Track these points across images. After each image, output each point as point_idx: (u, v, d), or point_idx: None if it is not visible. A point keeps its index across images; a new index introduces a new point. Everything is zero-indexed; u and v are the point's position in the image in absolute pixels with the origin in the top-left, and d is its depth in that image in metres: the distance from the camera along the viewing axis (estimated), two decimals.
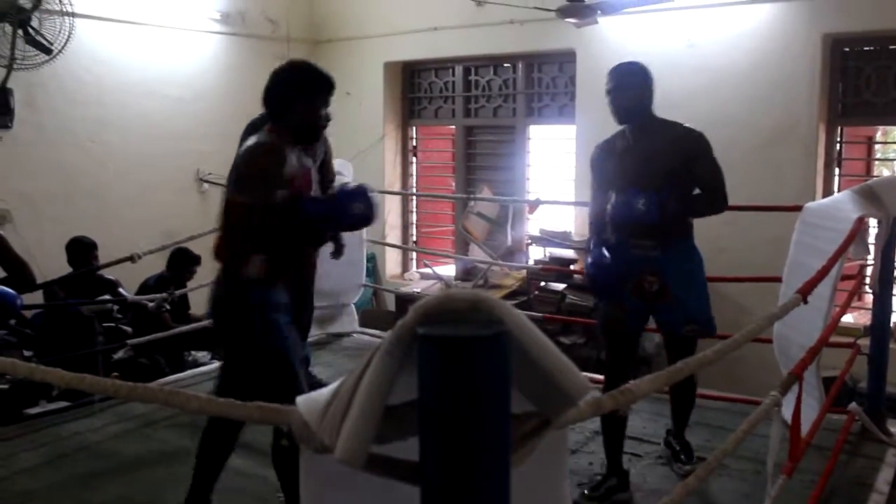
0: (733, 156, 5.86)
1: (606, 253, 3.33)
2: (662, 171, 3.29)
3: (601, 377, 3.54)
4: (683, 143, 3.37)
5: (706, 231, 5.85)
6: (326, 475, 1.10)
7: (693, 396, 3.64)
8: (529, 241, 6.95)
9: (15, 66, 5.74)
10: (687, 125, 3.46)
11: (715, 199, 3.49)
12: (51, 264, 5.48)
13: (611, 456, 3.47)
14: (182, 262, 5.84)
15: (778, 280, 4.04)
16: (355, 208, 2.91)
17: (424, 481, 0.90)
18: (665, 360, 3.71)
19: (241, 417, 1.19)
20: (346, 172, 5.76)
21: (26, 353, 5.27)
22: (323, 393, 1.05)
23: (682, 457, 3.62)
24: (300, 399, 1.08)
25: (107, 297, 5.56)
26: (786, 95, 5.69)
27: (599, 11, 5.66)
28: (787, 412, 2.85)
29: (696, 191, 3.45)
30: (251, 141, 2.89)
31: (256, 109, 3.15)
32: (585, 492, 3.36)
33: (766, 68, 5.74)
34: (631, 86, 3.45)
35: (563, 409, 0.95)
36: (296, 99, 2.89)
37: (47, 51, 5.80)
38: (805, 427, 3.03)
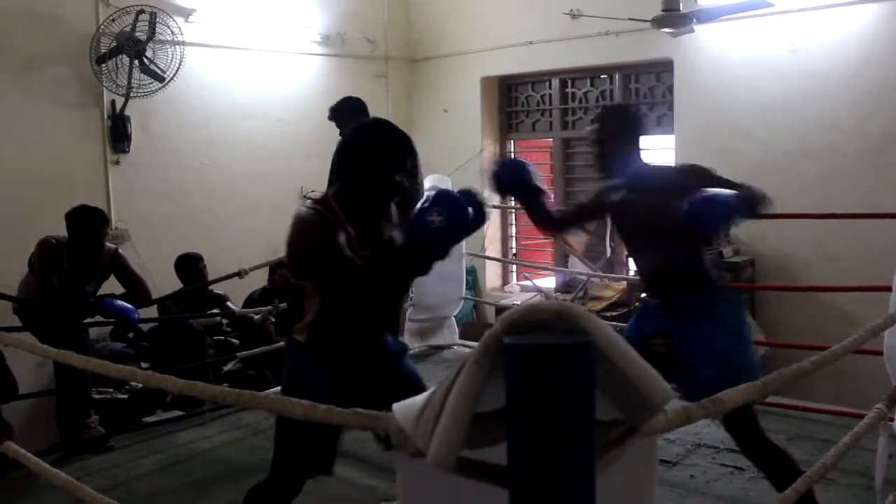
0: (840, 162, 5.72)
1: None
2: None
3: None
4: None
5: (814, 238, 5.76)
6: (421, 478, 1.16)
7: (768, 453, 2.83)
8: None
9: (132, 95, 6.07)
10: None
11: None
12: (165, 281, 5.77)
13: None
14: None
15: (888, 289, 3.90)
16: (432, 221, 2.43)
17: (512, 484, 0.95)
18: None
19: (341, 423, 1.26)
20: (444, 187, 5.86)
21: (143, 365, 5.55)
22: (418, 400, 1.10)
23: None
24: (396, 406, 1.14)
25: (216, 310, 5.80)
26: (893, 98, 5.48)
27: (695, 20, 5.59)
28: None
29: None
30: (297, 216, 2.61)
31: None
32: None
33: (871, 71, 5.55)
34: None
35: (648, 417, 0.98)
36: (367, 164, 2.58)
37: (160, 79, 6.11)
38: None
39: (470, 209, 2.54)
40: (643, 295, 3.21)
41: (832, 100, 5.73)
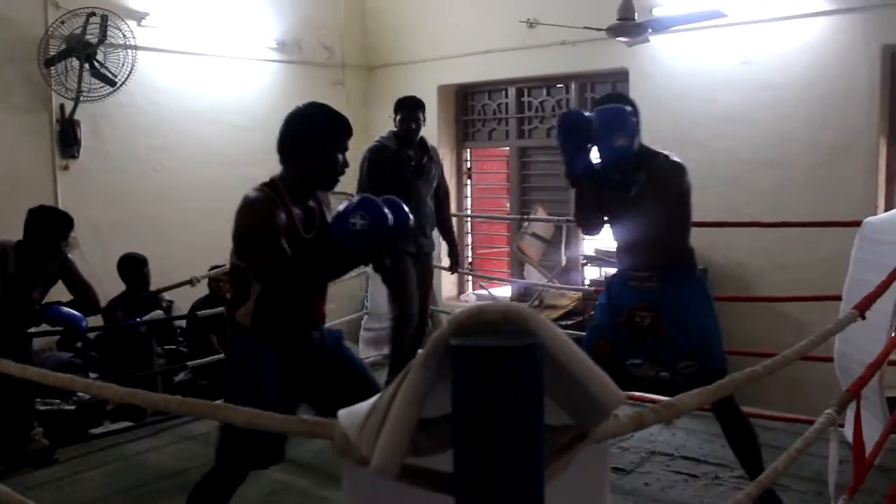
0: (793, 173, 5.80)
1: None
2: None
3: (658, 397, 3.49)
4: None
5: (766, 248, 5.83)
6: (367, 487, 1.12)
7: (747, 433, 3.17)
8: (584, 261, 6.91)
9: (82, 99, 5.95)
10: None
11: None
12: (114, 288, 5.65)
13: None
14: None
15: (839, 298, 3.95)
16: (354, 224, 2.59)
17: (458, 492, 0.91)
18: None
19: (285, 430, 1.21)
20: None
21: (92, 375, 5.41)
22: (363, 406, 1.07)
23: None
24: (342, 412, 1.10)
25: (159, 312, 5.66)
26: (845, 110, 5.58)
27: (650, 29, 5.63)
28: (849, 432, 2.78)
29: None
30: (244, 198, 2.71)
31: None
32: None
33: (823, 83, 5.64)
34: None
35: (599, 421, 0.95)
36: (307, 145, 2.73)
37: (112, 83, 6.00)
38: (868, 447, 2.96)
39: (390, 214, 2.66)
40: (616, 270, 3.40)
41: (785, 111, 5.81)
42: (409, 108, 4.72)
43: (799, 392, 5.30)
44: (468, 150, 8.07)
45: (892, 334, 3.31)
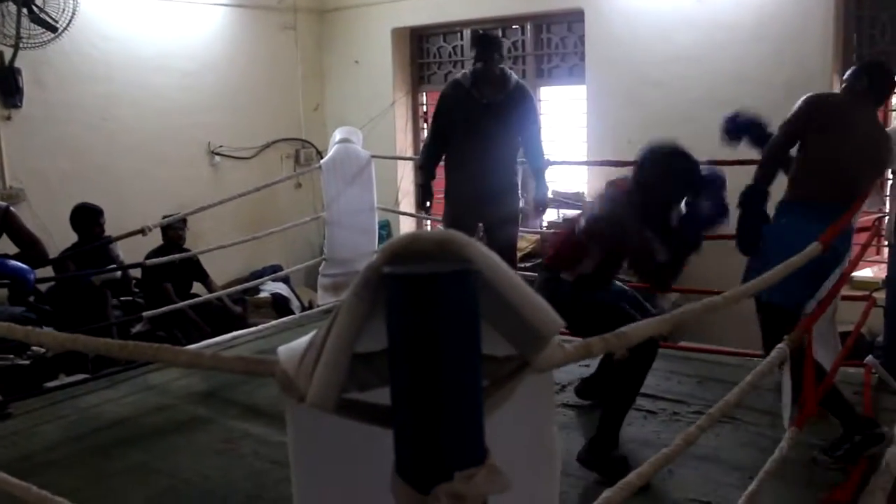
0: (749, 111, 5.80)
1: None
2: None
3: None
4: None
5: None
6: (309, 425, 1.10)
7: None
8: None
9: (21, 45, 5.74)
10: None
11: None
12: (65, 240, 5.54)
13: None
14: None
15: None
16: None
17: (396, 423, 0.89)
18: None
19: (226, 369, 1.18)
20: (355, 139, 5.74)
21: (46, 329, 5.32)
22: (302, 342, 1.04)
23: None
24: (281, 349, 1.07)
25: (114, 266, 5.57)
26: (798, 48, 5.58)
27: None
28: None
29: None
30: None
31: (263, 80, 3.02)
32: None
33: (777, 21, 5.64)
34: None
35: (538, 349, 0.93)
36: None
37: (53, 28, 5.78)
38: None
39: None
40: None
41: (740, 50, 5.81)
42: (482, 45, 4.50)
43: (753, 329, 5.37)
44: (424, 94, 7.96)
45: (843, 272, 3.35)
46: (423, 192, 4.89)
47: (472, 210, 4.59)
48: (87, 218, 5.52)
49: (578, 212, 3.92)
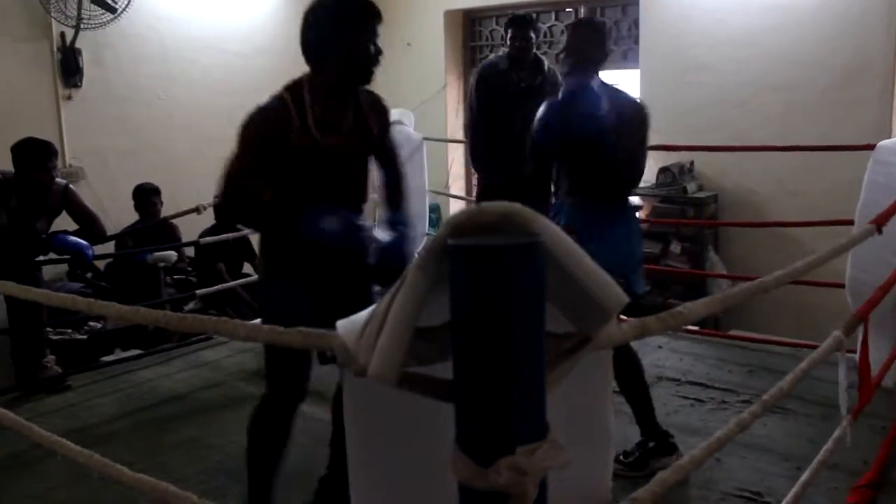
0: (805, 96, 5.69)
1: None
2: None
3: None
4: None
5: (776, 173, 5.76)
6: (368, 398, 1.10)
7: (633, 379, 3.19)
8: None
9: (82, 27, 5.85)
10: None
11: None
12: (123, 217, 5.65)
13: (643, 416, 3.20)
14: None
15: (850, 223, 3.90)
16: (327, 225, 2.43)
17: (457, 398, 0.90)
18: None
19: (285, 343, 1.20)
20: (407, 122, 5.76)
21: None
22: (362, 315, 1.04)
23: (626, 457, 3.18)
24: (340, 322, 1.08)
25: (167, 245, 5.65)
26: (858, 31, 5.43)
27: None
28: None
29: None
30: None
31: None
32: (621, 457, 3.11)
33: (836, 4, 5.49)
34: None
35: (601, 324, 0.93)
36: (333, 40, 2.44)
37: (112, 9, 5.89)
38: (875, 370, 2.94)
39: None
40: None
41: (796, 33, 5.68)
42: (518, 27, 4.44)
43: (807, 320, 5.29)
44: None
45: None
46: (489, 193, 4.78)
47: (510, 196, 4.48)
48: (142, 196, 5.63)
49: None
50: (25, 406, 3.97)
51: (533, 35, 4.46)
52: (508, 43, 4.48)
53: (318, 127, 2.47)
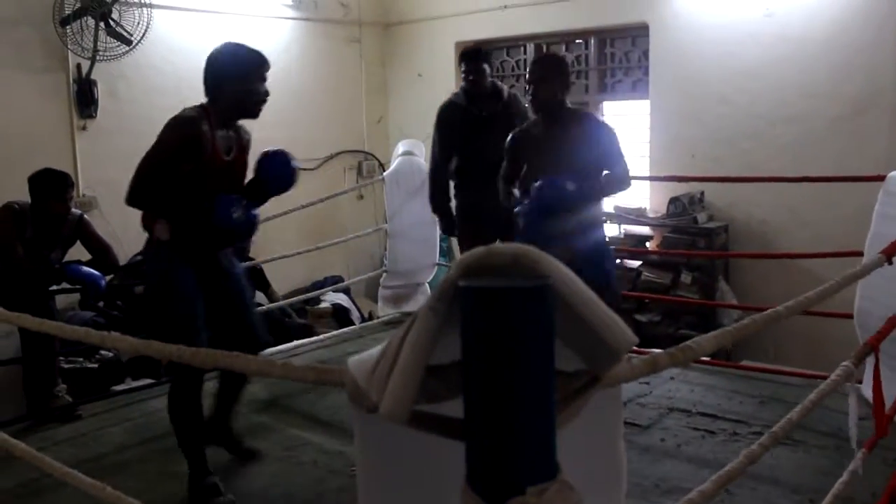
0: (816, 126, 5.70)
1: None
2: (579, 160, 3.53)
3: None
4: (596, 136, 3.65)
5: (788, 204, 5.76)
6: (378, 436, 1.11)
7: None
8: (605, 218, 6.85)
9: (98, 58, 5.93)
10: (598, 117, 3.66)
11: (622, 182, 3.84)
12: (135, 248, 5.67)
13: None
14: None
15: (860, 254, 3.90)
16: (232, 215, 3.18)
17: (468, 436, 0.90)
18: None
19: (297, 378, 1.21)
20: (417, 152, 5.80)
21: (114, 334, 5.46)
22: (373, 353, 1.06)
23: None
24: (352, 360, 1.09)
25: None
26: (868, 62, 5.46)
27: None
28: (868, 388, 2.75)
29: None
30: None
31: (328, 93, 3.11)
32: None
33: (846, 36, 5.52)
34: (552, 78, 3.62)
35: (611, 364, 0.94)
36: (228, 81, 3.13)
37: (128, 42, 5.97)
38: (887, 403, 2.93)
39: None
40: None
41: (807, 65, 5.70)
42: (469, 60, 4.56)
43: (818, 351, 5.27)
44: None
45: None
46: (447, 221, 4.91)
47: (489, 223, 4.38)
48: None
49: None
50: (37, 435, 3.98)
51: (486, 66, 4.58)
52: (462, 77, 4.61)
53: (220, 148, 3.13)
